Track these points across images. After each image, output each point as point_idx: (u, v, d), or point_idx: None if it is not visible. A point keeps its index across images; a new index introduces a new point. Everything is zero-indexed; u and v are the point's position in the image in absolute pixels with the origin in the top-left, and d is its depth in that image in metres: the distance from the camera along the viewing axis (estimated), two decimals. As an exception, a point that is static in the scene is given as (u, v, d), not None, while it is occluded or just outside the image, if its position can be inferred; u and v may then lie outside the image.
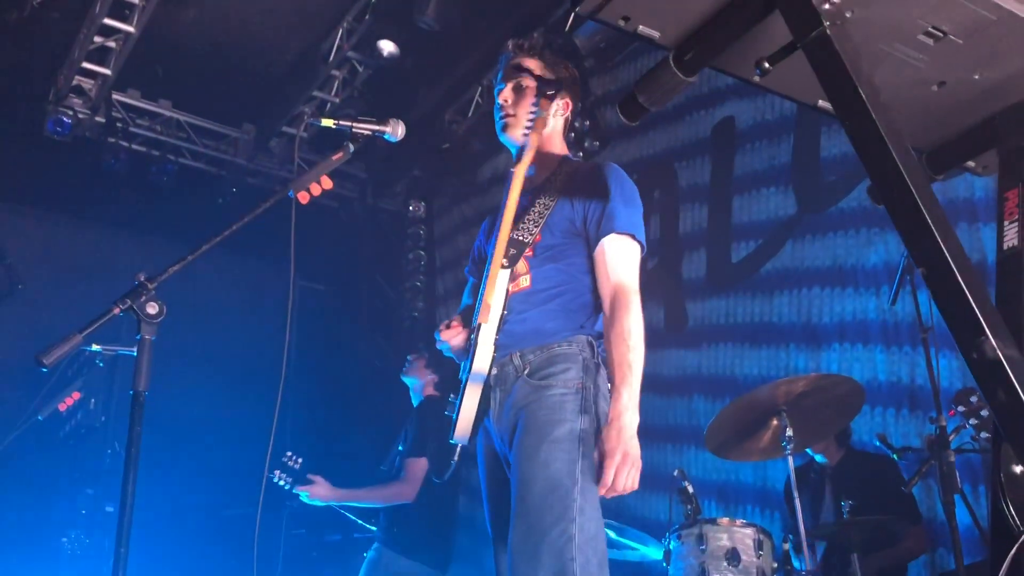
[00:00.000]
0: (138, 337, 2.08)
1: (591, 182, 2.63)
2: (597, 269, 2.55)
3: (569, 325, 2.54)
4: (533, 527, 2.27)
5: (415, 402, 5.44)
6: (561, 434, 2.35)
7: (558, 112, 2.78)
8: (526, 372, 2.49)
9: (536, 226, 2.60)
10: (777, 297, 5.20)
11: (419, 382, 5.42)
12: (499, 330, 2.49)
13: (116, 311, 2.05)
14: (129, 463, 2.03)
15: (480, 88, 7.33)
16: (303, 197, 2.36)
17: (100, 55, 6.55)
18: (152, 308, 2.08)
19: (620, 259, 2.53)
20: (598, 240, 2.54)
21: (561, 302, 2.57)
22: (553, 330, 2.53)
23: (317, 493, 4.96)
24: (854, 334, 4.84)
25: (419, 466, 5.10)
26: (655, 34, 1.43)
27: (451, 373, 5.44)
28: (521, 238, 2.57)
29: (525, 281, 2.59)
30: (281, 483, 4.90)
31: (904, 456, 4.02)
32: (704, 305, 5.65)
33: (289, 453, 4.92)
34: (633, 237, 2.55)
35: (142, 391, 2.06)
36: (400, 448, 5.27)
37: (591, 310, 2.59)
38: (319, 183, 2.39)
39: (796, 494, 3.63)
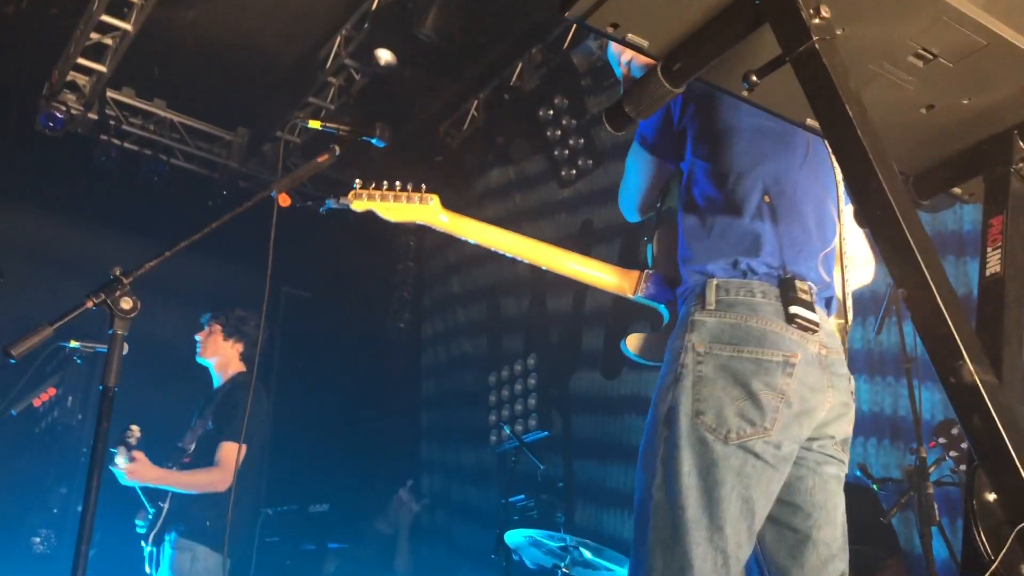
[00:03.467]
0: (110, 332, 2.05)
1: None
2: None
3: (686, 271, 2.14)
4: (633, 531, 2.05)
5: (217, 382, 4.93)
6: (651, 420, 2.02)
7: None
8: None
9: None
10: (763, 322, 5.19)
11: (219, 358, 4.92)
12: None
13: (89, 304, 2.02)
14: (95, 459, 1.99)
15: (476, 102, 7.33)
16: (284, 200, 2.34)
17: (96, 52, 6.52)
18: (126, 303, 2.05)
19: None
20: None
21: (686, 239, 2.16)
22: (679, 294, 2.18)
23: (136, 474, 4.40)
24: (839, 362, 4.83)
25: (236, 452, 4.50)
26: (643, 43, 1.42)
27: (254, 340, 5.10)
28: None
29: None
30: (117, 459, 4.35)
31: (884, 487, 4.00)
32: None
33: (134, 427, 4.42)
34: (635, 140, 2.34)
35: (112, 387, 2.02)
36: (210, 428, 4.76)
37: (718, 230, 2.09)
38: (301, 186, 2.36)
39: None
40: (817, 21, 1.27)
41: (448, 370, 8.09)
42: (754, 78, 1.36)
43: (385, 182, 2.48)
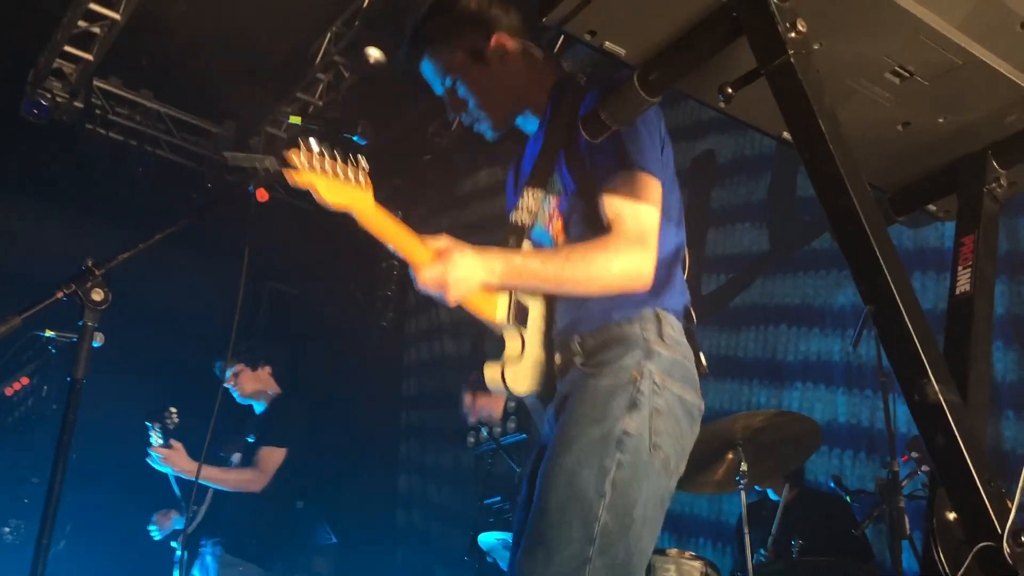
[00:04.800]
0: (80, 323, 2.03)
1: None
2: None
3: (629, 299, 2.05)
4: (544, 543, 1.87)
5: (260, 409, 5.31)
6: (598, 435, 1.92)
7: (496, 59, 2.35)
8: (582, 358, 2.06)
9: (553, 184, 2.21)
10: (743, 332, 5.21)
11: (257, 390, 5.29)
12: (555, 314, 2.15)
13: (59, 295, 2.00)
14: (60, 451, 1.98)
15: (465, 102, 7.32)
16: (262, 195, 2.32)
17: (83, 40, 6.47)
18: (97, 294, 2.03)
19: (623, 195, 2.00)
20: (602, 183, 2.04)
21: None
22: (609, 307, 2.07)
23: (171, 460, 4.66)
24: (817, 374, 4.85)
25: (278, 456, 4.99)
26: (621, 51, 1.42)
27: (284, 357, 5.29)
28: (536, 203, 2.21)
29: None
30: (152, 438, 4.64)
31: (858, 499, 4.01)
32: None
33: (173, 409, 4.68)
34: (644, 171, 2.02)
35: (80, 379, 2.00)
36: (251, 439, 5.09)
37: (667, 265, 2.09)
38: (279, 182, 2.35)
39: (747, 530, 3.60)
40: (793, 35, 1.27)
41: (430, 369, 8.06)
42: (730, 90, 1.36)
43: (314, 143, 1.88)
